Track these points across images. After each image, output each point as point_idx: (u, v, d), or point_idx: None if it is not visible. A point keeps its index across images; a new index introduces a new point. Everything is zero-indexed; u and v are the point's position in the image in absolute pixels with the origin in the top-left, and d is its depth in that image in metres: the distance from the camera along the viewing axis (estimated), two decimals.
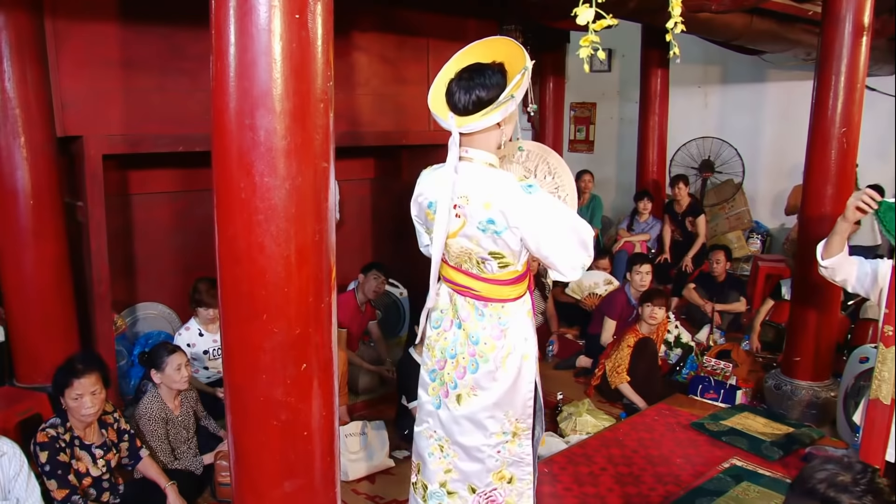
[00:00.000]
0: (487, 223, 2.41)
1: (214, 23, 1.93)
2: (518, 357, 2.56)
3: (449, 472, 2.69)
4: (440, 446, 2.70)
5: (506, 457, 2.64)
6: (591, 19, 2.12)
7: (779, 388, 4.82)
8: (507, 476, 2.67)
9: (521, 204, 2.37)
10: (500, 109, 2.36)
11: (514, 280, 2.54)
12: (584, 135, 10.82)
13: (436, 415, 2.69)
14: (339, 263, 2.19)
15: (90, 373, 3.18)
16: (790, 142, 8.31)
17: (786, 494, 1.62)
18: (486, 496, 2.66)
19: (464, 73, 2.42)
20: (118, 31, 4.04)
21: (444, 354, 2.64)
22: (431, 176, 2.62)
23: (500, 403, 2.58)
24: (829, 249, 3.28)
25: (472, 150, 2.46)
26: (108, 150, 3.99)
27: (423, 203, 2.64)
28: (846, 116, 4.45)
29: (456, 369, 2.60)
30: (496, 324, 2.54)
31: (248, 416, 2.12)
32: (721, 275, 6.64)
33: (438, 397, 2.67)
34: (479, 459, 2.63)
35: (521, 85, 2.36)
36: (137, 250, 4.99)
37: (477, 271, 2.53)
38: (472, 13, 5.60)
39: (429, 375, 2.72)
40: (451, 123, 2.41)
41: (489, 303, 2.54)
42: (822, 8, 4.61)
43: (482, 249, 2.47)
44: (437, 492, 2.71)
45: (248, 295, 2.02)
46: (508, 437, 2.63)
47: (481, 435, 2.60)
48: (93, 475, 3.27)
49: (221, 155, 1.98)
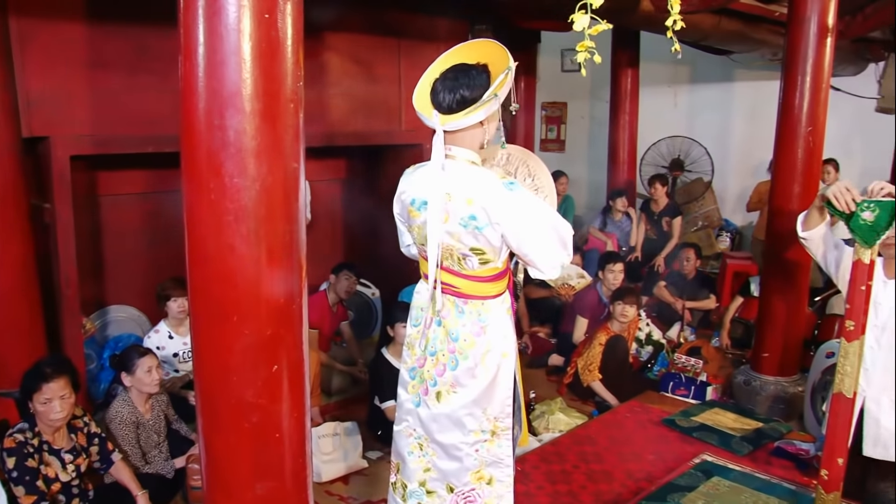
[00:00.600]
0: (469, 219, 2.43)
1: (183, 22, 1.91)
2: (497, 354, 2.58)
3: (428, 471, 2.70)
4: (419, 445, 2.71)
5: (484, 456, 2.65)
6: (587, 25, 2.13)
7: (748, 384, 4.88)
8: (485, 477, 2.67)
9: (503, 200, 2.41)
10: (484, 108, 2.40)
11: (495, 277, 2.57)
12: (555, 134, 10.87)
13: (415, 413, 2.70)
14: (311, 264, 2.18)
15: (59, 376, 3.14)
16: (758, 141, 8.41)
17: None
18: (464, 496, 2.67)
19: (448, 73, 2.46)
20: (85, 30, 3.99)
21: (424, 352, 2.66)
22: (415, 174, 2.64)
23: (479, 401, 2.59)
24: (808, 222, 3.27)
25: (455, 149, 2.49)
26: (75, 150, 3.94)
27: (405, 200, 2.64)
28: (812, 116, 4.51)
29: (436, 366, 2.62)
30: (476, 321, 2.57)
31: (219, 419, 2.10)
32: (691, 272, 6.70)
33: (418, 395, 2.69)
34: (457, 458, 2.64)
35: (505, 85, 2.40)
36: (106, 252, 4.94)
37: (458, 268, 2.55)
38: (443, 13, 5.60)
39: (408, 373, 2.73)
40: (436, 121, 2.44)
41: (469, 300, 2.57)
42: (788, 9, 4.67)
43: (463, 245, 2.49)
44: (416, 491, 2.72)
45: (219, 296, 2.01)
46: (487, 435, 2.63)
47: (459, 433, 2.61)
48: (62, 480, 3.23)
49: (190, 155, 1.97)
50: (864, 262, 2.85)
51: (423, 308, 2.68)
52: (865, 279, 2.85)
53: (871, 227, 2.83)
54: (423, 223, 2.54)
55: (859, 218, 2.86)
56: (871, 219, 2.83)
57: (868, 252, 2.83)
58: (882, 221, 2.81)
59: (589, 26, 2.11)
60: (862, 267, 2.85)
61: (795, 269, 4.68)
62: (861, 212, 2.86)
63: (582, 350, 5.26)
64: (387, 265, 6.02)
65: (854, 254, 2.89)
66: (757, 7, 5.91)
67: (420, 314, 2.69)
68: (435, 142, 2.46)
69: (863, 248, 2.85)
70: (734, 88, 9.40)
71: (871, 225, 2.83)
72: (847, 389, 2.85)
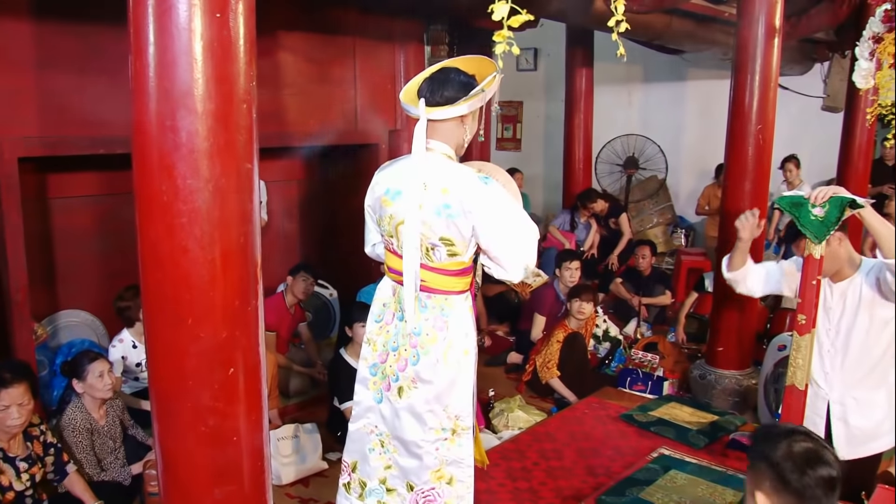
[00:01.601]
0: (443, 207, 2.50)
1: (132, 21, 1.89)
2: (459, 351, 2.60)
3: (389, 469, 2.72)
4: (381, 442, 2.73)
5: (445, 455, 2.66)
6: (506, 15, 2.16)
7: (703, 378, 4.96)
8: (445, 476, 2.68)
9: (478, 192, 2.49)
10: (468, 102, 2.52)
11: (460, 272, 2.61)
12: (511, 133, 10.92)
13: (377, 409, 2.72)
14: (267, 265, 2.17)
15: (18, 383, 3.09)
16: (710, 139, 8.55)
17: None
18: (423, 495, 2.68)
19: (437, 74, 2.59)
20: (32, 28, 3.91)
21: (385, 347, 2.69)
22: (391, 167, 2.72)
23: (440, 397, 2.61)
24: (733, 263, 3.59)
25: (433, 142, 2.59)
26: (23, 152, 3.86)
27: (378, 192, 2.69)
28: (761, 113, 4.61)
29: (398, 361, 2.64)
30: (438, 315, 2.60)
31: (175, 423, 2.08)
32: (647, 269, 6.78)
33: (380, 391, 2.71)
34: (417, 455, 2.65)
35: (492, 85, 2.55)
36: (58, 256, 4.83)
37: (425, 259, 2.58)
38: (398, 13, 5.59)
39: (369, 370, 2.75)
40: (420, 110, 2.53)
41: (433, 294, 2.60)
42: (737, 10, 4.76)
43: (434, 234, 2.53)
44: (376, 489, 2.74)
45: (173, 299, 1.98)
46: (448, 434, 2.65)
47: (420, 429, 2.63)
48: (16, 489, 3.15)
49: (142, 157, 1.95)
50: (814, 257, 2.94)
51: (385, 304, 2.71)
52: (816, 274, 2.93)
53: (821, 223, 2.94)
54: (394, 213, 2.60)
55: (810, 214, 2.96)
56: (821, 214, 2.94)
57: (818, 248, 2.93)
58: (832, 217, 2.92)
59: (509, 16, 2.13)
60: (812, 262, 2.93)
61: None
62: (812, 208, 2.96)
63: (540, 347, 5.30)
64: (344, 265, 6.02)
65: (805, 249, 2.98)
66: (707, 7, 6.00)
67: (382, 310, 2.72)
68: (417, 130, 2.55)
69: (813, 243, 2.93)
70: (686, 87, 9.55)
71: (821, 220, 2.94)
72: (799, 381, 2.92)
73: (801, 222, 2.98)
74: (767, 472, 1.77)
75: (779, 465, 1.75)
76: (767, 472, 1.77)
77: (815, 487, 1.72)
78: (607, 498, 3.56)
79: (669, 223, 9.15)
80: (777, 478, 1.75)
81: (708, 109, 9.09)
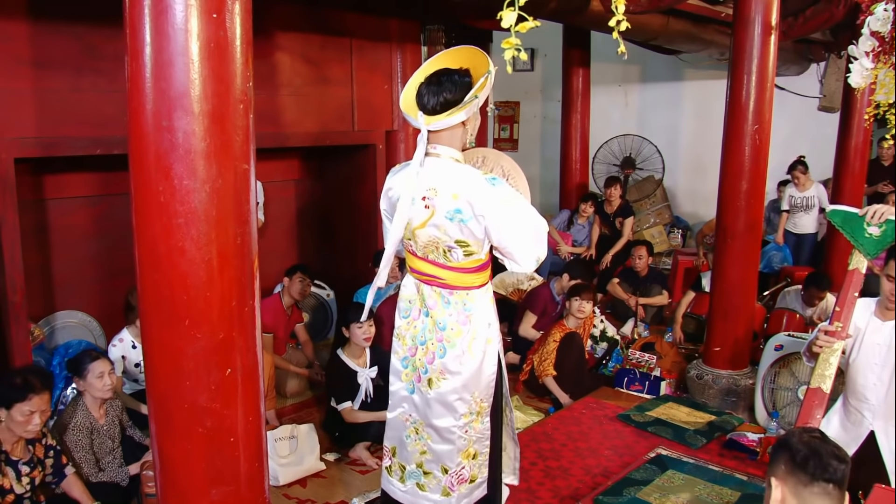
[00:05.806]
0: (455, 212, 2.62)
1: (129, 21, 1.89)
2: (482, 341, 2.79)
3: (424, 454, 2.92)
4: (416, 429, 2.93)
5: (472, 435, 2.87)
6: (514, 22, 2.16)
7: (700, 378, 4.96)
8: (472, 452, 2.91)
9: (486, 194, 2.60)
10: (465, 109, 2.61)
11: (478, 268, 2.76)
12: (508, 133, 10.93)
13: (410, 399, 2.92)
14: (264, 266, 2.17)
15: (45, 391, 3.12)
16: (707, 139, 8.57)
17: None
18: (457, 475, 2.88)
19: (433, 78, 2.66)
20: (29, 29, 3.90)
21: (414, 342, 2.87)
22: (401, 172, 2.82)
23: (468, 385, 2.80)
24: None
25: (439, 147, 2.70)
26: (20, 153, 3.86)
27: (392, 197, 2.82)
28: (758, 113, 4.61)
29: (426, 355, 2.82)
30: (461, 310, 2.76)
31: (172, 424, 2.08)
32: (644, 269, 6.78)
33: (412, 382, 2.89)
34: (449, 441, 2.85)
35: (485, 87, 2.62)
36: (55, 257, 4.83)
37: (443, 260, 2.74)
38: (394, 13, 5.59)
39: (401, 363, 2.93)
40: (421, 122, 2.65)
41: (455, 290, 2.76)
42: (734, 10, 4.76)
43: (449, 238, 2.67)
44: (414, 472, 2.95)
45: (169, 300, 1.98)
46: (474, 416, 2.85)
47: (451, 417, 2.82)
48: (16, 492, 3.15)
49: (139, 158, 1.94)
50: (860, 271, 3.08)
51: (410, 300, 2.88)
52: (859, 287, 3.05)
53: (877, 241, 3.06)
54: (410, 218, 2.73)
55: (864, 231, 3.09)
56: (877, 234, 3.06)
57: (865, 263, 3.07)
58: (889, 237, 3.04)
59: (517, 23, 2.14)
60: (858, 276, 3.07)
61: (745, 265, 4.78)
62: (867, 226, 3.08)
63: (538, 347, 5.29)
64: (341, 266, 6.02)
65: (852, 263, 3.09)
66: (704, 8, 6.01)
67: (408, 306, 2.89)
68: (419, 141, 2.67)
69: (864, 258, 3.07)
70: (683, 87, 9.56)
71: (877, 239, 3.06)
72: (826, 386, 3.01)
73: (856, 238, 3.07)
74: (783, 455, 1.88)
75: (792, 446, 1.87)
76: (783, 456, 1.88)
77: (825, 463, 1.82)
78: (605, 498, 3.56)
79: (666, 223, 9.16)
80: (790, 458, 1.86)
81: (705, 110, 9.10)
